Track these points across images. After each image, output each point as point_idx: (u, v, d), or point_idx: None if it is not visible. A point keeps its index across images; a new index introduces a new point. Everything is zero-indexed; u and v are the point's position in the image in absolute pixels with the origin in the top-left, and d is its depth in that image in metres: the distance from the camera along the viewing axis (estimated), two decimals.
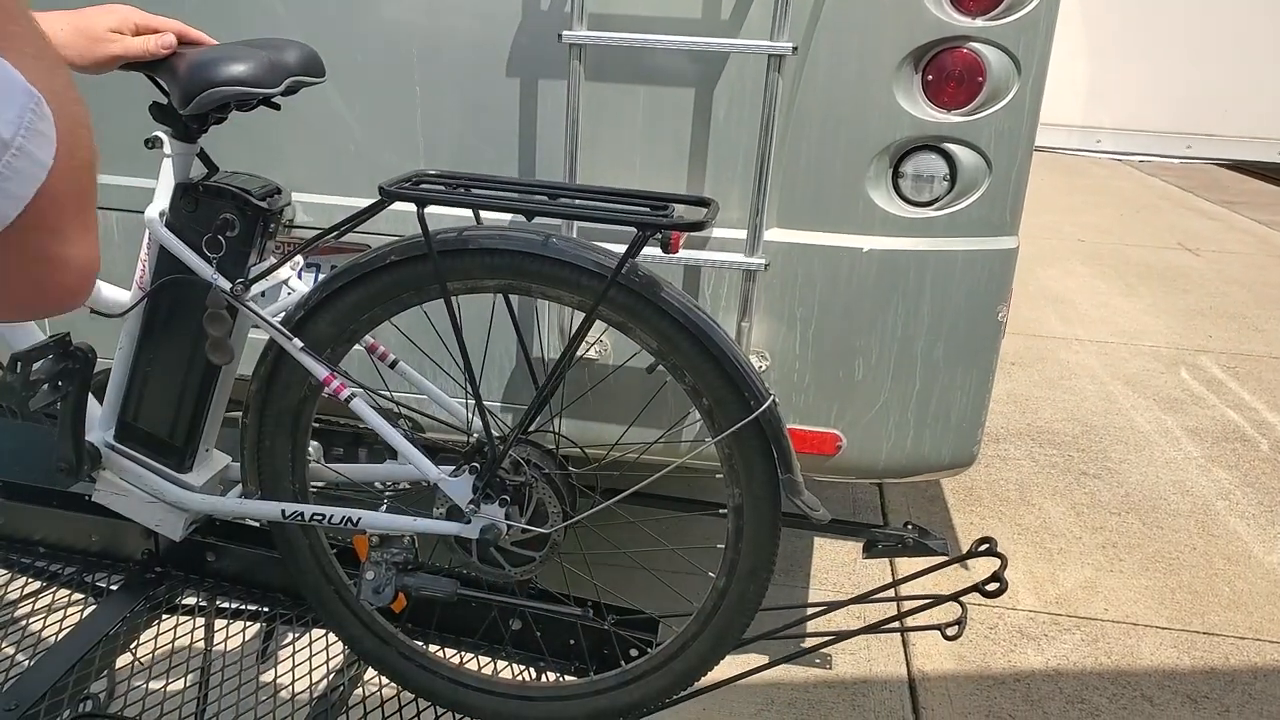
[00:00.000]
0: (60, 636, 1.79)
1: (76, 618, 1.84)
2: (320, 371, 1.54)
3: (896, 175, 2.21)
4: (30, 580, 1.92)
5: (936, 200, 2.21)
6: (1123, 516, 3.68)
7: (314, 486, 1.72)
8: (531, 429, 1.59)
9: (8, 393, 1.46)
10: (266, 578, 1.89)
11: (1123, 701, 2.69)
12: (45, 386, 1.51)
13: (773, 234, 2.22)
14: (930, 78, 2.14)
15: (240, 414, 1.63)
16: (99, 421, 1.69)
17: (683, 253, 2.18)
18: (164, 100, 1.53)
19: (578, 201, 1.54)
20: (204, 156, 1.64)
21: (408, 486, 1.73)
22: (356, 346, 1.64)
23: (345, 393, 1.54)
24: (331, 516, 1.59)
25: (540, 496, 1.58)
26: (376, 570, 1.60)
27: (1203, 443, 4.33)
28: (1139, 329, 5.78)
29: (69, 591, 1.92)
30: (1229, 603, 3.17)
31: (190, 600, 1.92)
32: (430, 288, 1.53)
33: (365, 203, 1.55)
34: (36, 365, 1.49)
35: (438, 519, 1.60)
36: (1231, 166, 9.22)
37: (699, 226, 1.42)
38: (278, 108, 1.59)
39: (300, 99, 1.80)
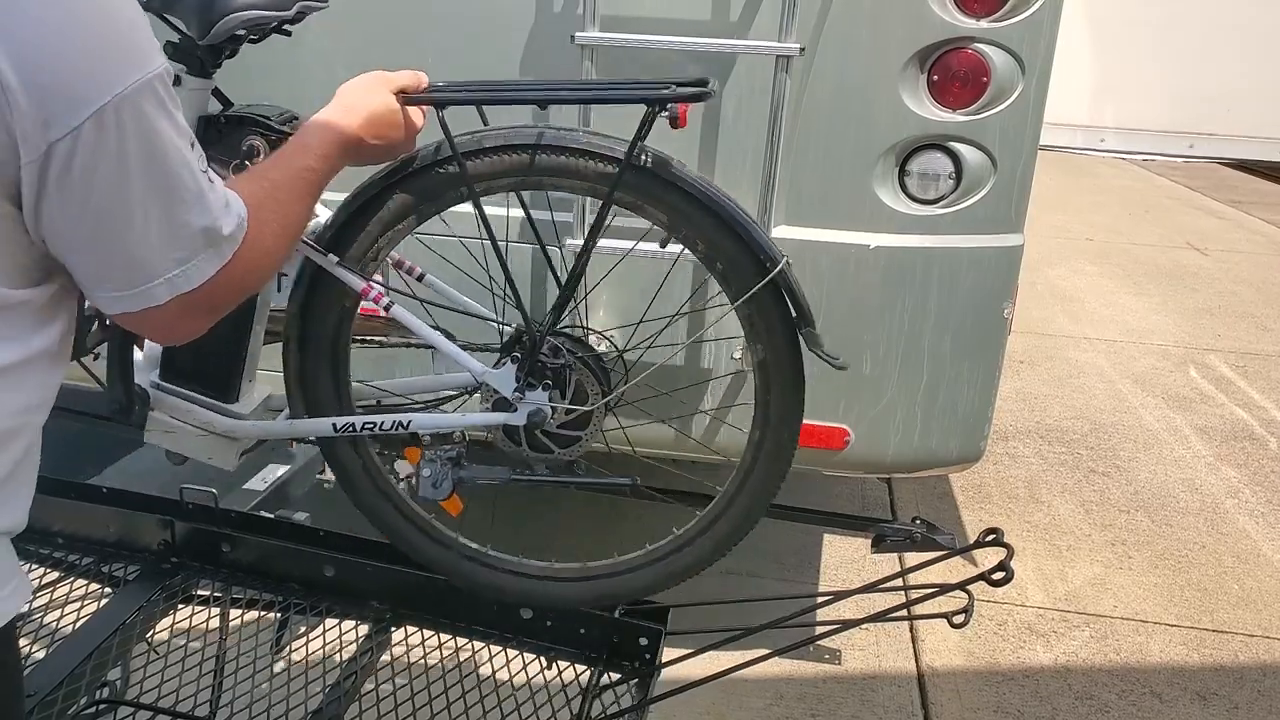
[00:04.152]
0: (78, 625, 1.81)
1: (93, 607, 1.86)
2: (357, 284, 1.58)
3: (903, 173, 2.23)
4: (48, 570, 1.95)
5: (942, 198, 2.23)
6: (1132, 514, 3.69)
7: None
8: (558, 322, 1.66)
9: None
10: (281, 568, 1.91)
11: (1131, 698, 2.70)
12: (95, 325, 1.55)
13: (780, 231, 2.24)
14: (936, 78, 2.16)
15: (281, 340, 1.67)
16: (142, 364, 1.73)
17: None
18: (176, 37, 1.56)
19: (582, 91, 1.59)
20: (218, 93, 1.66)
21: (450, 393, 1.79)
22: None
23: (384, 300, 1.59)
24: (382, 423, 1.64)
25: (579, 378, 1.64)
26: (432, 467, 1.67)
27: (1211, 441, 4.33)
28: (1148, 328, 5.78)
29: (86, 581, 1.94)
30: (1238, 600, 3.18)
31: (205, 591, 1.95)
32: (452, 193, 1.57)
33: None
34: (88, 301, 1.53)
35: (484, 412, 1.66)
36: (1236, 165, 9.19)
37: (704, 96, 1.46)
38: (289, 34, 1.62)
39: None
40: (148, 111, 0.89)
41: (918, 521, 2.55)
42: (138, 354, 1.73)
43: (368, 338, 1.93)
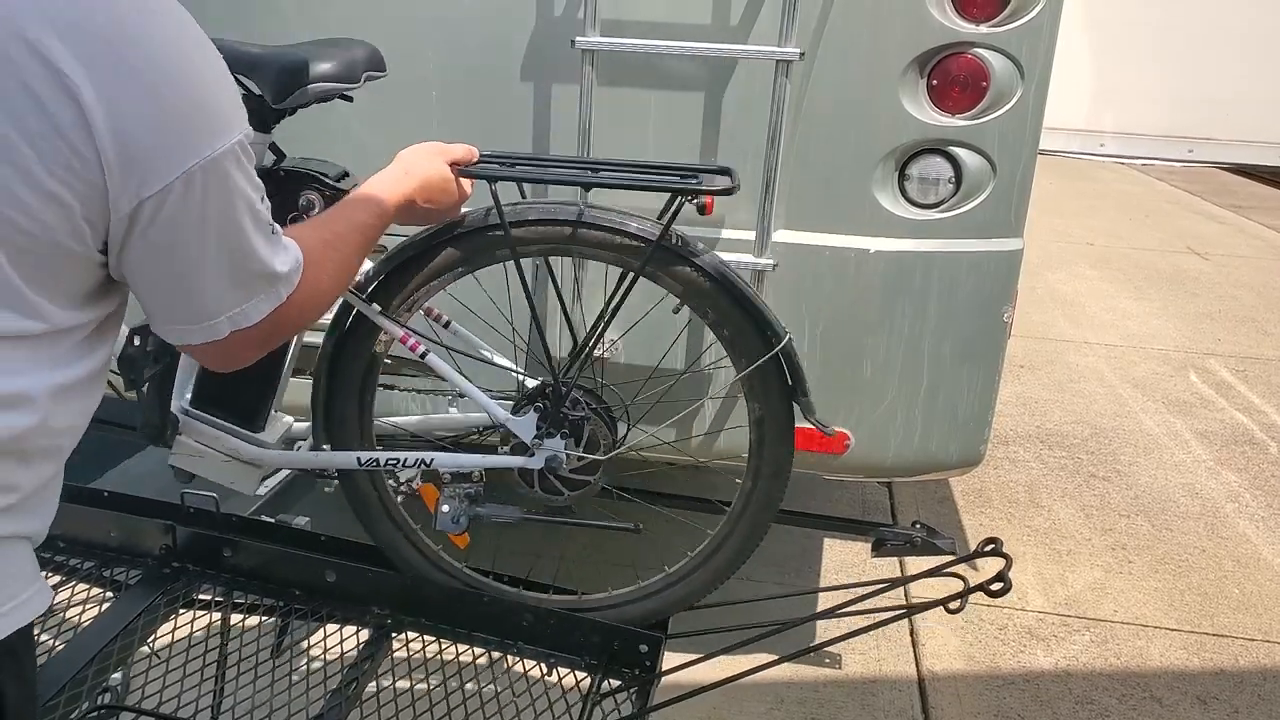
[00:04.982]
0: (79, 630, 1.81)
1: (95, 612, 1.86)
2: (397, 331, 1.69)
3: (902, 178, 2.24)
4: (50, 575, 1.95)
5: (942, 202, 2.24)
6: (1132, 519, 3.69)
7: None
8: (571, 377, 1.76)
9: (129, 364, 1.60)
10: (282, 573, 1.91)
11: (1132, 702, 2.70)
12: (152, 359, 1.64)
13: (781, 235, 2.25)
14: (935, 83, 2.16)
15: (311, 375, 1.77)
16: (174, 390, 1.79)
17: None
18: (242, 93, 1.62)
19: (620, 174, 1.73)
20: (273, 146, 1.75)
21: (471, 433, 1.90)
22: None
23: (420, 349, 1.70)
24: (405, 460, 1.73)
25: (593, 429, 1.75)
26: (451, 504, 1.78)
27: (1212, 446, 4.33)
28: (1148, 332, 5.78)
29: (87, 586, 1.94)
30: (1238, 604, 3.18)
31: (206, 595, 1.95)
32: (489, 254, 1.69)
33: None
34: (150, 337, 1.62)
35: (504, 454, 1.76)
36: (1235, 170, 9.20)
37: (729, 191, 1.58)
38: (350, 99, 1.73)
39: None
40: (231, 171, 0.97)
41: (918, 525, 2.55)
42: None
43: (394, 377, 2.05)
